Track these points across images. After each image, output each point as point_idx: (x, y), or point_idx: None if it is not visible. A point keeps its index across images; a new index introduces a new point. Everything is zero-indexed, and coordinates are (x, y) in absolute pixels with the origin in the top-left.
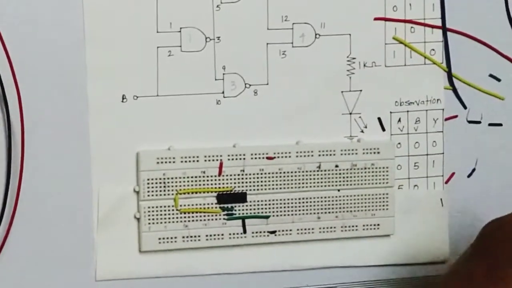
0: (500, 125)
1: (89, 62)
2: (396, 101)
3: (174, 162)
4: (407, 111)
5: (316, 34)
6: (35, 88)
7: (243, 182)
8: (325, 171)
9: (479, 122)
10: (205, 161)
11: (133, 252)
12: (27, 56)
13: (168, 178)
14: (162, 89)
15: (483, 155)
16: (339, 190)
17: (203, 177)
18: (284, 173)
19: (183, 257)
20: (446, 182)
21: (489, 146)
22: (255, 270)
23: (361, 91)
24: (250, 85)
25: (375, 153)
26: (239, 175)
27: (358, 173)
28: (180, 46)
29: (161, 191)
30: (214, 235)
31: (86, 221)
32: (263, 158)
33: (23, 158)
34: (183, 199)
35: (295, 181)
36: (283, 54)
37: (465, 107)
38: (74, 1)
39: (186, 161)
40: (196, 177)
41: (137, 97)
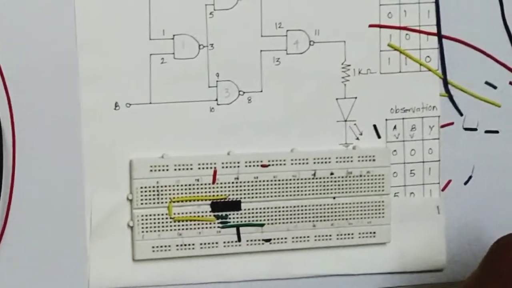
0: (496, 132)
1: (82, 69)
2: (392, 108)
3: (167, 170)
4: (403, 118)
5: (310, 41)
6: (27, 95)
7: (237, 190)
8: (320, 178)
9: (475, 129)
10: (199, 169)
11: (126, 260)
12: (19, 63)
13: (161, 186)
14: (155, 96)
15: (479, 162)
16: (334, 198)
17: (197, 185)
18: (279, 180)
19: (177, 265)
20: (443, 190)
21: (485, 153)
22: (250, 279)
23: (356, 98)
24: (244, 92)
25: (370, 160)
26: (233, 183)
27: (353, 180)
28: (173, 53)
29: (154, 199)
30: (209, 243)
31: (79, 229)
32: (258, 165)
33: (14, 166)
34: (177, 207)
35: (290, 189)
36: (277, 61)
37: (461, 114)
38: (67, 8)
39: (179, 169)
40: (190, 185)
41: (130, 104)
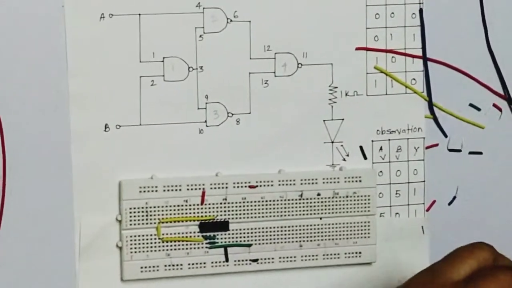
0: (480, 153)
1: (72, 91)
2: (378, 130)
3: (156, 191)
4: (389, 140)
5: (298, 64)
6: (17, 117)
7: (225, 211)
8: (307, 199)
9: (459, 151)
10: (188, 189)
11: (115, 281)
12: (9, 86)
13: (150, 207)
14: (144, 118)
15: (463, 183)
16: (321, 218)
17: (186, 205)
18: (267, 201)
19: (166, 286)
20: (427, 210)
21: (469, 174)
22: None
23: (343, 119)
24: (232, 114)
25: (357, 181)
26: (221, 204)
27: (340, 201)
28: (163, 75)
29: (143, 220)
30: (197, 263)
31: (68, 250)
32: (246, 186)
33: (4, 187)
34: (166, 227)
35: (277, 209)
36: (265, 83)
37: (445, 135)
38: (57, 30)
39: (168, 189)
40: (178, 205)
41: (119, 126)
